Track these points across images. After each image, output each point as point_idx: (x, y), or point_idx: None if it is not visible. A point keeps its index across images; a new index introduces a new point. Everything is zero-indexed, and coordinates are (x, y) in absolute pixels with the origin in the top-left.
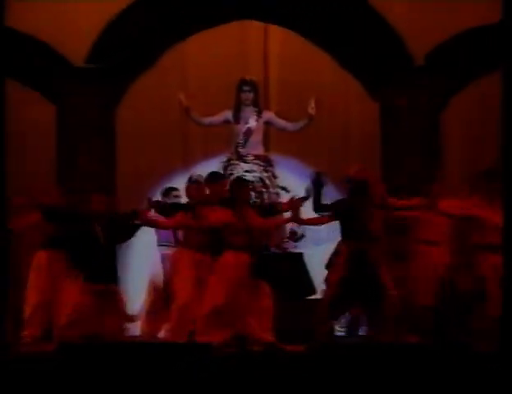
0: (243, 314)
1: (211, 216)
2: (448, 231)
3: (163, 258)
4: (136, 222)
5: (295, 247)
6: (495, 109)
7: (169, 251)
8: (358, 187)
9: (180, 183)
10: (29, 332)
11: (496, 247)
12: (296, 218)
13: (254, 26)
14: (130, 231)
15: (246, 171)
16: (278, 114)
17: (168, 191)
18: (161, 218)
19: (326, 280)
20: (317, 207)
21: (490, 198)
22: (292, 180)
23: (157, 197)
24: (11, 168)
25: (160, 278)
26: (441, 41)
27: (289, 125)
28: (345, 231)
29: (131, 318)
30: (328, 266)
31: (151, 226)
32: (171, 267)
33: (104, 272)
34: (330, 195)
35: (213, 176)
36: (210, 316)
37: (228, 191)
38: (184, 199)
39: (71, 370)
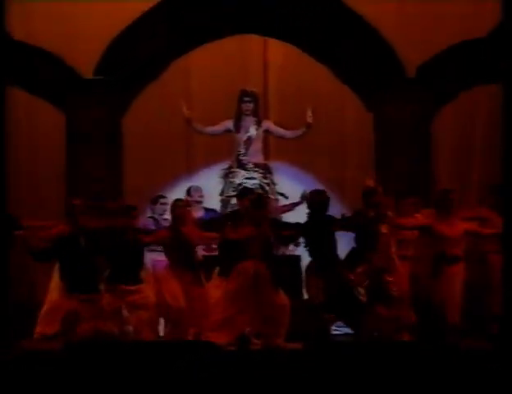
0: (255, 319)
1: (234, 230)
2: (418, 243)
3: (154, 265)
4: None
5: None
6: (485, 118)
7: (159, 257)
8: (315, 209)
9: (183, 190)
10: (40, 330)
11: (446, 258)
12: None
13: (254, 40)
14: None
15: (246, 179)
16: (277, 123)
17: (156, 199)
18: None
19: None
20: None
21: (447, 211)
22: (290, 187)
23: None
24: (23, 172)
25: (150, 282)
26: (432, 54)
27: (287, 134)
28: (309, 252)
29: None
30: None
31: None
32: (159, 281)
33: (84, 283)
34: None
35: (242, 191)
36: (220, 321)
37: (249, 207)
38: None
39: (77, 368)
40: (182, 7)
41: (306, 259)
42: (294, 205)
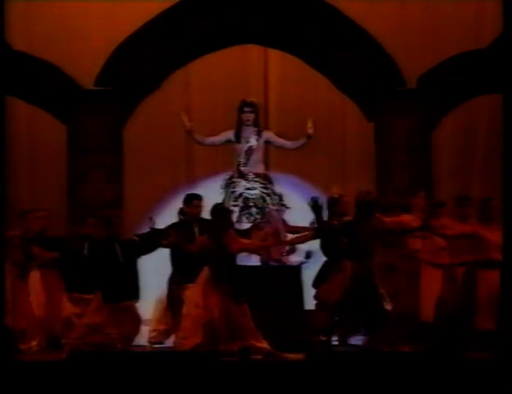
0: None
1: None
2: (451, 252)
3: None
4: (163, 242)
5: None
6: (486, 129)
7: None
8: (367, 209)
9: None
10: (35, 343)
11: (490, 263)
12: (279, 241)
13: (255, 50)
14: (149, 249)
15: (247, 189)
16: (278, 133)
17: (190, 199)
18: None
19: (321, 294)
20: (323, 228)
21: (487, 217)
22: (291, 197)
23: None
24: (23, 183)
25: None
26: (432, 65)
27: (288, 144)
28: (350, 249)
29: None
30: (318, 282)
31: (175, 247)
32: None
33: (124, 290)
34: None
35: (188, 197)
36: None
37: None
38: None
39: (82, 378)
40: (182, 18)
41: (306, 270)
42: (304, 229)
